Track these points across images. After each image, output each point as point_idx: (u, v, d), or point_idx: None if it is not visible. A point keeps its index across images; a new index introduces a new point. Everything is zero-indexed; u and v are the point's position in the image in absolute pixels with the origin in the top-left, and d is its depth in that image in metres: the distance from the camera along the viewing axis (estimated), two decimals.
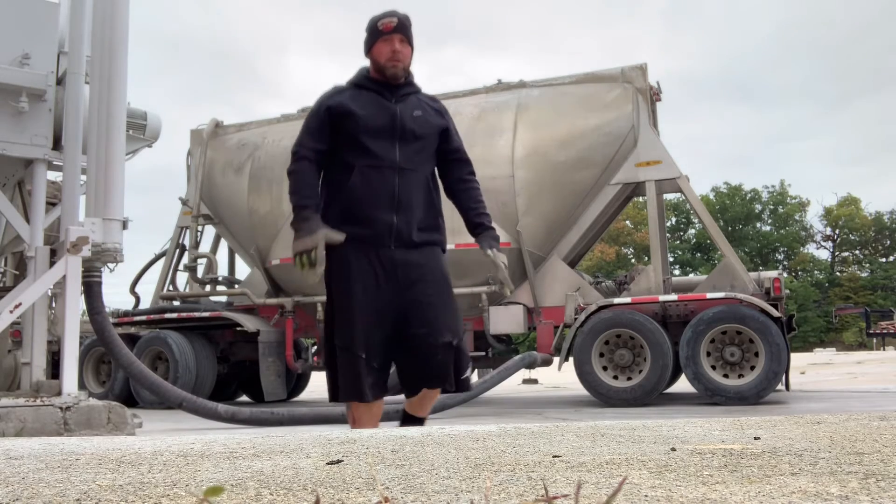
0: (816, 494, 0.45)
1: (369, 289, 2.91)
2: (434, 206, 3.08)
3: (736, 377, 7.30)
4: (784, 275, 8.92)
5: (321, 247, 2.79)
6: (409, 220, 2.96)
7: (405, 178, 2.97)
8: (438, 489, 0.49)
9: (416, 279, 2.94)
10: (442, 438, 0.80)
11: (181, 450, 0.75)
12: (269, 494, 0.49)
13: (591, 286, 8.56)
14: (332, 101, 3.04)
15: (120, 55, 4.69)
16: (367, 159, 2.95)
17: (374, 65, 3.06)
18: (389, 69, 3.01)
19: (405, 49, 3.03)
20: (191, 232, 10.13)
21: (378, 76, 3.06)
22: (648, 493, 0.46)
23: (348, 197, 2.95)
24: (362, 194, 2.94)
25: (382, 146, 2.96)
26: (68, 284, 4.41)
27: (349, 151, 2.98)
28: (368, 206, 2.94)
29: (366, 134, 2.96)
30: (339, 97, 3.05)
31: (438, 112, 3.16)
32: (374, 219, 2.93)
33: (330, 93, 3.11)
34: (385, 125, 2.98)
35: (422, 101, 3.13)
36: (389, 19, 3.02)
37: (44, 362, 4.87)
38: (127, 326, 9.93)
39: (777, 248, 56.40)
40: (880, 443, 0.71)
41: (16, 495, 0.51)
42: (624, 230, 50.27)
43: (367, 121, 2.97)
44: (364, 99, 3.02)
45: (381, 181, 2.94)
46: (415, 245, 2.98)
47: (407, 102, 3.06)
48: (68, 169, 5.00)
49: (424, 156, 3.06)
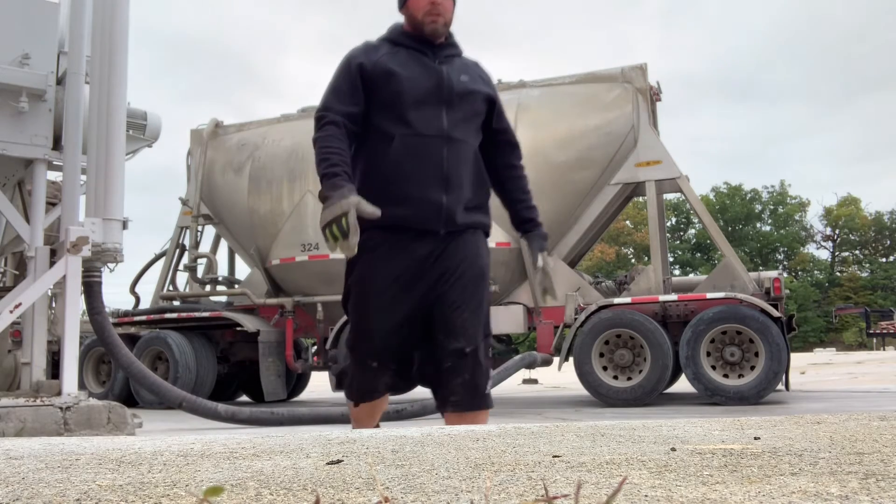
0: (816, 494, 0.45)
1: (397, 300, 2.51)
2: (484, 184, 2.67)
3: (736, 377, 7.30)
4: (784, 275, 8.92)
5: (352, 214, 2.34)
6: (459, 198, 2.55)
7: (454, 150, 2.55)
8: (438, 489, 0.49)
9: (452, 275, 2.54)
10: (442, 438, 0.80)
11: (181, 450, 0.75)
12: (269, 494, 0.49)
13: (591, 286, 8.56)
14: (367, 59, 2.57)
15: (120, 55, 4.69)
16: (409, 128, 2.52)
17: (409, 20, 2.61)
18: (428, 25, 2.55)
19: (446, 2, 2.57)
20: (191, 232, 10.13)
21: (415, 33, 2.62)
22: (648, 493, 0.46)
23: (387, 173, 2.52)
24: (405, 169, 2.51)
25: (428, 113, 2.53)
26: (68, 284, 4.41)
27: (387, 119, 2.54)
28: (413, 183, 2.51)
29: (409, 98, 2.52)
30: (374, 54, 2.58)
31: (485, 80, 2.74)
32: (420, 198, 2.51)
33: (362, 49, 2.63)
34: (431, 88, 2.55)
35: (467, 64, 2.69)
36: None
37: (44, 362, 4.87)
38: (127, 326, 9.94)
39: (777, 248, 56.40)
40: (880, 443, 0.71)
41: (16, 495, 0.51)
42: (624, 230, 50.26)
43: (411, 82, 2.53)
44: (403, 57, 2.58)
45: (426, 153, 2.52)
46: (460, 229, 2.58)
47: (452, 64, 2.62)
48: (68, 169, 5.00)
49: (472, 127, 2.64)
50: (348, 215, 2.34)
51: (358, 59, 2.57)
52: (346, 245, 2.35)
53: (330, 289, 9.00)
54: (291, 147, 9.31)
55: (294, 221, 9.17)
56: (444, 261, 2.54)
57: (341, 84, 2.58)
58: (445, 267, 2.54)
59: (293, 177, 9.22)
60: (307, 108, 9.79)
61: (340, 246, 2.37)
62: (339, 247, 2.37)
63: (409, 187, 2.51)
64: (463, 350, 2.49)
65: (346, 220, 2.34)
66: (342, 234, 2.35)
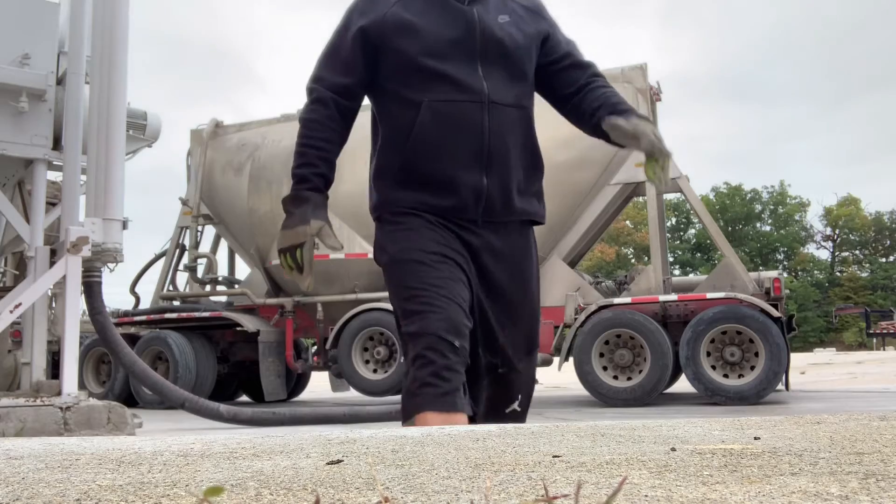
0: (816, 494, 0.45)
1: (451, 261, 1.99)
2: (538, 163, 2.15)
3: (736, 377, 7.30)
4: (784, 275, 8.93)
5: (309, 246, 1.92)
6: (505, 181, 2.03)
7: (497, 118, 2.01)
8: (438, 489, 0.49)
9: (493, 281, 2.06)
10: (442, 438, 0.81)
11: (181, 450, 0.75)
12: (269, 494, 0.49)
13: (591, 286, 8.56)
14: (372, 16, 2.03)
15: (120, 55, 4.69)
16: (438, 91, 1.98)
17: None
18: None
19: None
20: (191, 232, 10.13)
21: None
22: (648, 493, 0.46)
23: (411, 150, 2.00)
24: (433, 145, 1.99)
25: (459, 69, 1.99)
26: (68, 284, 4.41)
27: (407, 84, 2.01)
28: (444, 161, 2.00)
29: (432, 54, 1.98)
30: (381, 5, 2.03)
31: (533, 12, 2.16)
32: (452, 180, 2.00)
33: (366, 1, 2.08)
34: (458, 37, 2.00)
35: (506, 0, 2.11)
36: None
37: (44, 362, 4.87)
38: (127, 326, 9.94)
39: (777, 248, 56.41)
40: (880, 443, 0.71)
41: (16, 495, 0.51)
42: (624, 230, 50.26)
43: (433, 34, 2.00)
44: (421, 3, 2.03)
45: (460, 122, 1.99)
46: (506, 220, 2.07)
47: (485, 2, 2.07)
48: (68, 169, 5.00)
49: (520, 86, 2.09)
50: (303, 248, 1.94)
51: (358, 22, 2.04)
52: (301, 279, 1.96)
53: (330, 289, 9.01)
54: (291, 147, 9.18)
55: None
56: (485, 261, 2.05)
57: (337, 48, 2.07)
58: (485, 268, 2.05)
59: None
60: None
61: (294, 277, 1.98)
62: (293, 277, 1.99)
63: (438, 168, 2.00)
64: (495, 365, 2.09)
65: (300, 252, 1.95)
66: (297, 266, 1.96)
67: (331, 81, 2.07)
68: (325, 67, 2.10)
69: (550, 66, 2.16)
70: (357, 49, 2.05)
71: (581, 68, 2.18)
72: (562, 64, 2.16)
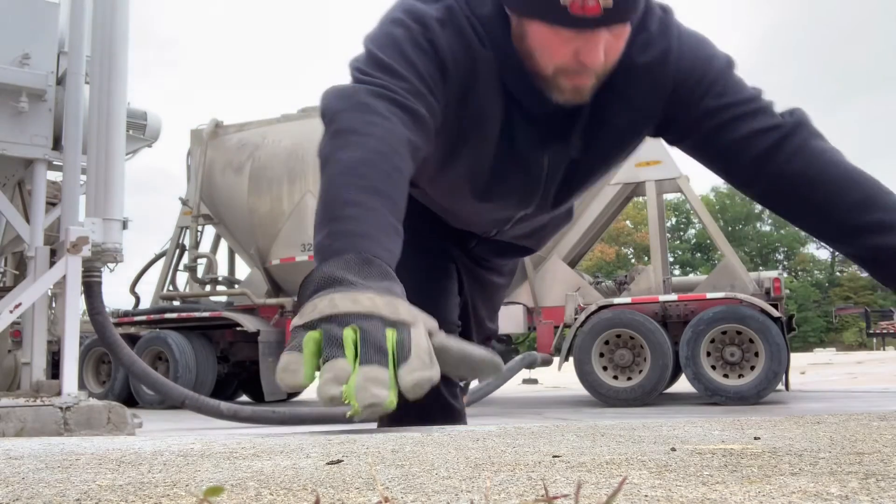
0: (816, 494, 0.45)
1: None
2: (569, 217, 1.85)
3: (736, 377, 7.30)
4: (784, 275, 8.93)
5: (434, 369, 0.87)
6: (519, 236, 1.80)
7: (525, 221, 1.69)
8: (438, 489, 0.49)
9: (477, 282, 1.94)
10: (442, 438, 0.81)
11: (181, 450, 0.75)
12: (269, 494, 0.49)
13: (591, 286, 8.56)
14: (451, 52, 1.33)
15: (120, 55, 4.69)
16: (454, 208, 1.67)
17: (526, 55, 1.32)
18: (564, 90, 1.33)
19: (615, 44, 1.29)
20: (191, 232, 10.13)
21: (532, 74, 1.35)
22: (648, 493, 0.46)
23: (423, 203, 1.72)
24: (448, 214, 1.73)
25: (498, 204, 1.57)
26: (68, 284, 4.41)
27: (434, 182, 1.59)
28: (455, 222, 1.76)
29: (470, 171, 1.49)
30: (458, 50, 1.34)
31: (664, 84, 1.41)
32: (462, 230, 1.78)
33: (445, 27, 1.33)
34: (517, 180, 1.50)
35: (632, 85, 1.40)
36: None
37: (44, 362, 4.87)
38: (127, 326, 9.94)
39: (777, 248, 56.44)
40: (880, 443, 0.71)
41: (16, 495, 0.51)
42: (624, 230, 50.26)
43: (476, 154, 1.46)
44: (487, 89, 1.38)
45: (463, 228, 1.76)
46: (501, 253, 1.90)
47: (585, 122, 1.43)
48: (68, 169, 5.00)
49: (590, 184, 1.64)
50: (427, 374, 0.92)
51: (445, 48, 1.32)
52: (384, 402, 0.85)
53: None
54: (291, 147, 9.31)
55: (294, 221, 9.17)
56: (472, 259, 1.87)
57: (410, 57, 1.29)
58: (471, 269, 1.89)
59: (293, 177, 9.22)
60: (307, 109, 9.79)
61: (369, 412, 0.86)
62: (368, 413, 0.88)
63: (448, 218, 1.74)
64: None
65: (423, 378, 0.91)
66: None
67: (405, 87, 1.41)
68: (393, 69, 1.39)
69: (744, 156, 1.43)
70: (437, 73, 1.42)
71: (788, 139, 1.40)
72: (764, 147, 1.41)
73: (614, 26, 1.26)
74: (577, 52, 1.26)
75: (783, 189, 1.41)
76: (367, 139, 1.14)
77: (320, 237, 1.06)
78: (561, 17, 1.22)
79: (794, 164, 1.39)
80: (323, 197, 1.11)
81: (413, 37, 1.30)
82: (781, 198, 1.45)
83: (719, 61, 1.45)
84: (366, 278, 0.96)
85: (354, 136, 1.15)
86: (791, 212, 1.46)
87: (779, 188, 1.42)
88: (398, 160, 1.15)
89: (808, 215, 1.43)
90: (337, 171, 1.12)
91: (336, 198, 1.08)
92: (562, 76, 1.31)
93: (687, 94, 1.42)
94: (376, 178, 1.11)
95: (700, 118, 1.42)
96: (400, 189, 1.14)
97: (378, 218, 1.07)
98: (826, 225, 1.40)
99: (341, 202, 1.07)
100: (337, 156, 1.13)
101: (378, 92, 1.21)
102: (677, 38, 1.42)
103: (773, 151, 1.39)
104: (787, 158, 1.39)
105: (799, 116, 1.43)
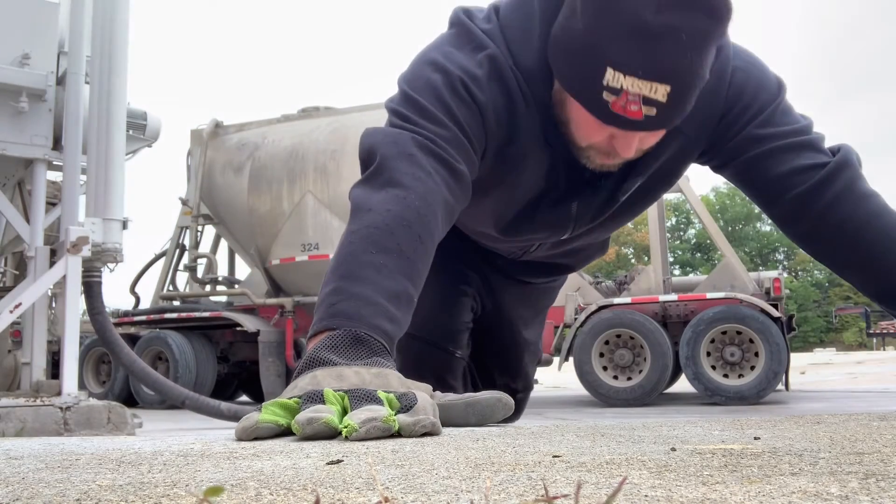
0: (816, 494, 0.45)
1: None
2: (604, 247, 1.85)
3: (736, 377, 7.30)
4: (784, 275, 8.93)
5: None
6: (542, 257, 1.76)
7: (557, 248, 1.68)
8: (438, 489, 0.49)
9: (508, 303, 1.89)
10: (442, 438, 0.81)
11: (181, 450, 0.75)
12: (269, 494, 0.49)
13: (591, 286, 8.56)
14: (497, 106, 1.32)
15: (120, 55, 4.69)
16: (476, 230, 1.65)
17: (563, 122, 1.31)
18: (594, 163, 1.34)
19: (651, 139, 1.29)
20: (191, 232, 10.14)
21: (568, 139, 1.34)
22: (648, 493, 0.46)
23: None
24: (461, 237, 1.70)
25: (521, 238, 1.58)
26: (68, 284, 4.40)
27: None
28: (488, 243, 1.72)
29: (497, 208, 1.49)
30: (501, 111, 1.32)
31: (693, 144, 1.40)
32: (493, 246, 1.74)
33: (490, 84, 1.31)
34: (544, 221, 1.49)
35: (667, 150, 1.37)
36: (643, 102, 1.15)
37: (44, 362, 4.87)
38: (127, 326, 9.94)
39: (777, 248, 56.42)
40: (880, 443, 0.71)
41: (16, 495, 0.51)
42: (624, 230, 50.26)
43: (514, 199, 1.45)
44: (528, 145, 1.36)
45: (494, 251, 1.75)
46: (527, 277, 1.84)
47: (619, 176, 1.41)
48: (68, 169, 5.00)
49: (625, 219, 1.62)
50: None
51: (486, 103, 1.30)
52: None
53: None
54: (291, 147, 9.30)
55: (294, 221, 9.17)
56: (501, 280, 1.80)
57: (450, 106, 1.26)
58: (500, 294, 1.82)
59: (293, 177, 9.22)
60: (307, 109, 9.79)
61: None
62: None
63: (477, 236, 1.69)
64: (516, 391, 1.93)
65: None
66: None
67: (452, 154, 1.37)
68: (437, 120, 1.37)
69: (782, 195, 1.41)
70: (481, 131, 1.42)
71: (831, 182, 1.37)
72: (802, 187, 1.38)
73: (654, 131, 1.24)
74: (612, 137, 1.25)
75: (826, 233, 1.38)
76: (409, 195, 1.14)
77: (328, 290, 1.07)
78: (602, 112, 1.19)
79: (839, 208, 1.35)
80: (346, 246, 1.10)
81: (452, 84, 1.27)
82: (824, 243, 1.41)
83: (770, 86, 1.40)
84: (352, 359, 0.96)
85: (397, 189, 1.15)
86: (835, 261, 1.43)
87: (821, 231, 1.39)
88: (432, 223, 1.16)
89: (852, 266, 1.40)
90: (368, 222, 1.11)
91: (357, 253, 1.08)
92: (594, 152, 1.30)
93: (733, 119, 1.38)
94: (405, 240, 1.10)
95: (743, 145, 1.38)
96: (426, 255, 1.14)
97: (393, 285, 1.05)
98: (871, 283, 1.38)
99: (360, 260, 1.07)
100: (373, 205, 1.13)
101: (423, 144, 1.20)
102: (731, 61, 1.37)
103: (817, 191, 1.36)
104: (830, 201, 1.35)
105: (845, 154, 1.39)
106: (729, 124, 1.38)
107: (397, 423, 0.83)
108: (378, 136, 1.22)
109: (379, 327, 1.00)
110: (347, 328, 0.98)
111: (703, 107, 1.31)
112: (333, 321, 1.02)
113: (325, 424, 0.81)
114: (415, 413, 0.86)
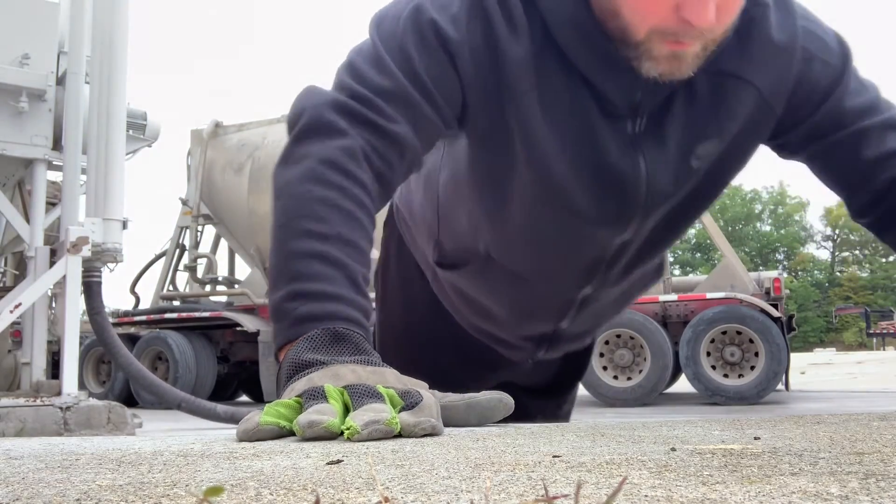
0: (816, 494, 0.45)
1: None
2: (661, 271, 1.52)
3: (736, 377, 7.31)
4: (784, 275, 8.94)
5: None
6: (582, 325, 1.48)
7: (625, 251, 1.25)
8: (438, 489, 0.49)
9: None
10: (442, 438, 0.81)
11: (181, 450, 0.75)
12: (269, 494, 0.49)
13: None
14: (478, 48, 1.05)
15: (120, 55, 4.69)
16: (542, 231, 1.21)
17: (610, 15, 1.00)
18: (659, 57, 0.99)
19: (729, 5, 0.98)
20: (191, 232, 10.14)
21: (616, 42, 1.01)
22: (648, 493, 0.46)
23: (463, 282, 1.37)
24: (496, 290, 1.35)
25: (595, 214, 1.17)
26: (68, 284, 4.40)
27: (478, 193, 1.21)
28: (516, 311, 1.38)
29: (539, 192, 1.14)
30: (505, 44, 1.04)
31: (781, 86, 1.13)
32: (514, 325, 1.41)
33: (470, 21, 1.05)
34: (610, 182, 1.13)
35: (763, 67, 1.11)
36: None
37: (44, 362, 4.87)
38: (127, 326, 9.94)
39: (777, 248, 56.47)
40: (880, 443, 0.71)
41: (16, 495, 0.51)
42: None
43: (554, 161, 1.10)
44: (558, 84, 1.06)
45: (549, 293, 1.33)
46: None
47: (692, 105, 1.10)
48: (68, 169, 5.00)
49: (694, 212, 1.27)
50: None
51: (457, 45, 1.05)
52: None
53: None
54: None
55: None
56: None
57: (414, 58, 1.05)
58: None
59: None
60: None
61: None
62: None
63: (498, 310, 1.38)
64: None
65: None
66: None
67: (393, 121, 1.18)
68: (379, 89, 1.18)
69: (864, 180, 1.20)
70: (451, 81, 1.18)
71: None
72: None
73: None
74: (678, 7, 0.94)
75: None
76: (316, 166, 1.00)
77: (279, 296, 0.95)
78: None
79: None
80: (279, 244, 0.98)
81: (418, 37, 1.06)
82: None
83: (841, 49, 1.18)
84: (339, 355, 0.89)
85: (306, 161, 1.01)
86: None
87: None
88: (361, 194, 1.00)
89: None
90: (288, 209, 0.99)
91: (295, 249, 0.96)
92: (658, 39, 0.98)
93: (810, 88, 1.15)
94: (338, 221, 0.97)
95: (827, 122, 1.17)
96: (364, 230, 1.00)
97: (347, 271, 0.95)
98: None
99: (302, 253, 0.95)
100: (291, 188, 1.00)
101: (343, 104, 1.04)
102: (797, 18, 1.15)
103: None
104: None
105: None
106: (802, 98, 1.15)
107: (399, 424, 0.81)
108: (299, 102, 1.08)
109: (352, 319, 0.92)
110: (325, 327, 0.91)
111: (776, 61, 1.11)
112: (304, 327, 0.92)
113: (325, 429, 0.79)
114: (418, 412, 0.82)
